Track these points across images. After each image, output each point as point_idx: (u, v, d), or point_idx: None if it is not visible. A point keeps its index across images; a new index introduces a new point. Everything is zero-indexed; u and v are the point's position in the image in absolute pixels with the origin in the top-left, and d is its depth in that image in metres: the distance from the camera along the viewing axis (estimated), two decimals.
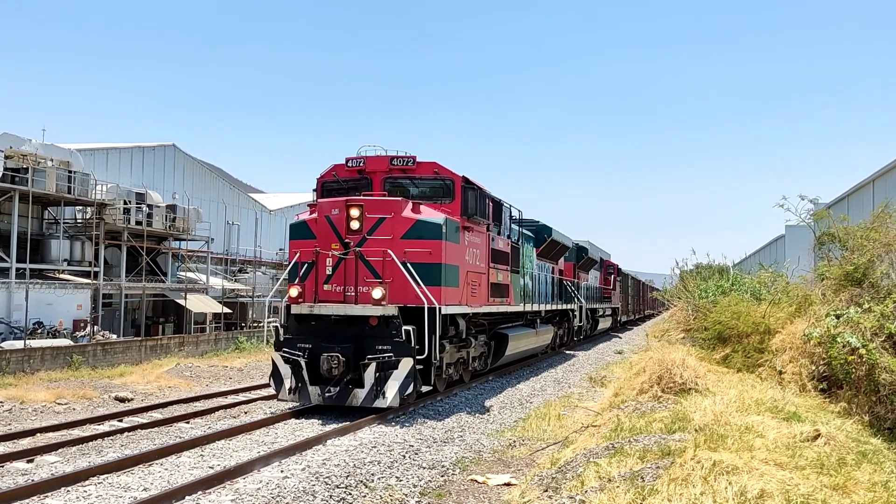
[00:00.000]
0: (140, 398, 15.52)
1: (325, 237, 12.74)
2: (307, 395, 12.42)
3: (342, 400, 12.15)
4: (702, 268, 27.32)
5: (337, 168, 14.45)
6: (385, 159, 14.07)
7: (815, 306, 13.18)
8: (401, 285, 12.28)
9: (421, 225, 12.61)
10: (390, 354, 12.00)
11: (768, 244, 47.14)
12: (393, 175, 14.03)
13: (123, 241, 33.94)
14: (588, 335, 32.65)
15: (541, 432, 11.29)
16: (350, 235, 12.61)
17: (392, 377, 11.98)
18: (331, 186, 14.38)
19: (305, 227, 13.20)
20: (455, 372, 14.65)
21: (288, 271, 13.48)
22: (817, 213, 17.13)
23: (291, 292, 12.77)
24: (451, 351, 13.79)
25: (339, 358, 11.99)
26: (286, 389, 12.53)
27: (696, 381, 10.55)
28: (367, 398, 12.03)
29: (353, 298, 12.41)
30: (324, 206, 13.00)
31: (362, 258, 12.43)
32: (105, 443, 10.55)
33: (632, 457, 6.59)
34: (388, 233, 12.53)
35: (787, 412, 8.54)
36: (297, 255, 13.06)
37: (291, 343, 12.58)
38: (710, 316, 15.93)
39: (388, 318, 12.17)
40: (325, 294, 12.63)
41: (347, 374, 12.14)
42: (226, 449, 9.90)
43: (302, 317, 12.69)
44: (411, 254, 12.42)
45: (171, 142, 44.21)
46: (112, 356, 26.03)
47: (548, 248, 22.93)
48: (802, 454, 6.32)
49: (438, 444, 10.39)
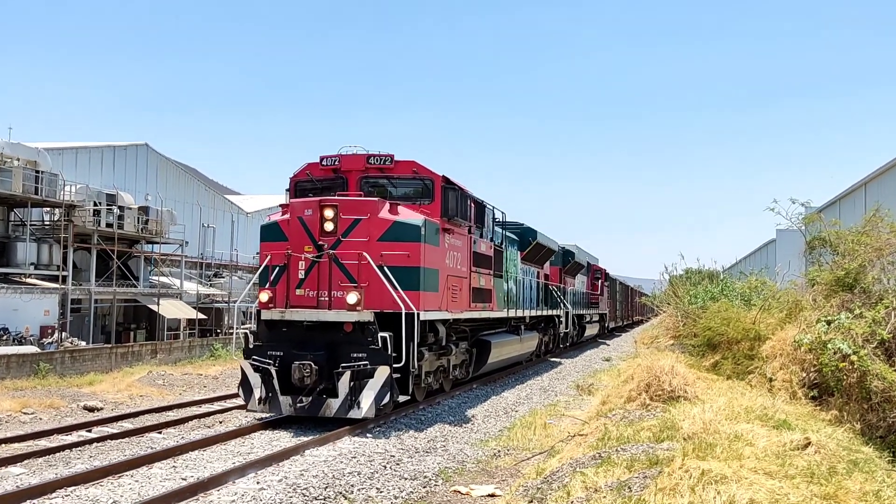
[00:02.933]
0: (110, 407, 15.37)
1: (298, 239, 12.58)
2: (278, 406, 12.23)
3: (315, 410, 12.00)
4: (691, 273, 27.54)
5: (311, 167, 14.30)
6: (361, 158, 13.93)
7: (806, 312, 13.31)
8: (377, 290, 12.16)
9: (398, 226, 12.50)
10: (366, 362, 11.85)
11: (759, 248, 47.57)
12: (370, 174, 13.91)
13: (93, 244, 33.67)
14: (575, 342, 32.79)
15: (526, 442, 11.30)
16: (324, 237, 12.45)
17: (367, 386, 11.85)
18: (304, 186, 14.23)
19: (277, 229, 13.05)
20: (435, 381, 14.54)
21: (258, 275, 13.33)
22: (808, 217, 17.32)
23: (261, 297, 12.59)
24: (430, 359, 13.67)
25: (312, 366, 11.82)
26: (256, 399, 12.35)
27: (685, 388, 10.60)
28: (340, 408, 11.89)
29: (327, 303, 12.25)
30: (296, 207, 12.85)
31: (337, 261, 12.29)
32: (73, 454, 10.43)
33: (619, 466, 6.61)
34: (364, 235, 12.39)
35: (777, 420, 8.60)
36: (267, 257, 12.90)
37: (261, 350, 12.40)
38: (700, 322, 16.05)
39: (364, 325, 12.04)
40: (297, 299, 12.47)
41: (320, 383, 11.95)
42: (199, 460, 9.81)
43: (273, 323, 12.52)
44: (388, 257, 12.29)
45: (143, 141, 44.02)
46: (81, 364, 25.78)
47: (533, 251, 22.96)
48: (792, 463, 6.37)
49: (420, 455, 10.37)
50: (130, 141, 43.33)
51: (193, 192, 47.24)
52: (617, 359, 26.38)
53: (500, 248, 18.23)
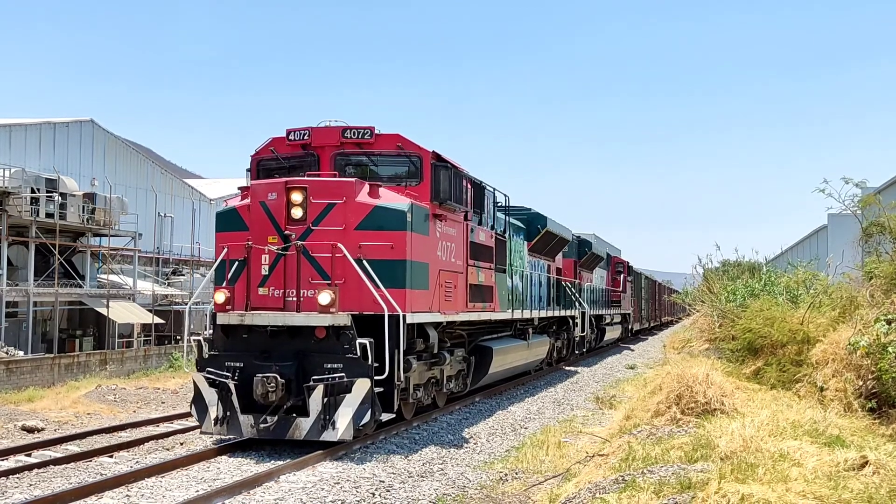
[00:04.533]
0: (53, 427, 15.37)
1: (261, 228, 12.29)
2: (238, 427, 11.97)
3: (281, 432, 11.78)
4: (729, 266, 27.60)
5: (276, 142, 13.97)
6: (336, 131, 13.61)
7: (863, 310, 13.31)
8: (355, 288, 11.94)
9: (380, 212, 12.26)
10: (342, 374, 11.59)
11: (808, 236, 48.01)
12: (346, 151, 13.63)
13: (31, 238, 33.59)
14: (593, 347, 32.85)
15: (538, 463, 11.33)
16: (291, 226, 12.14)
17: (344, 403, 11.62)
18: (269, 165, 13.92)
19: (235, 216, 12.79)
20: (426, 395, 14.29)
21: (214, 271, 13.12)
22: (864, 200, 17.31)
23: (217, 298, 12.29)
24: (419, 369, 13.43)
25: (278, 379, 11.53)
26: (211, 419, 12.13)
27: (721, 400, 10.62)
28: (312, 430, 11.63)
29: (295, 305, 11.99)
30: (258, 190, 12.56)
31: (306, 254, 12.01)
32: (10, 482, 10.43)
33: (645, 491, 6.62)
34: (339, 222, 12.13)
35: (828, 436, 8.62)
36: (224, 250, 12.64)
37: (218, 361, 12.16)
38: (739, 323, 16.06)
39: (339, 329, 11.80)
40: (259, 299, 12.19)
41: (288, 399, 11.70)
42: (157, 488, 9.82)
43: (231, 328, 12.28)
44: (368, 248, 12.06)
45: (88, 117, 43.83)
46: (18, 377, 25.78)
47: (542, 241, 22.76)
48: (847, 486, 6.39)
49: (414, 479, 10.39)
50: (73, 117, 43.22)
51: (148, 175, 47.15)
52: (643, 366, 26.45)
53: (502, 237, 18.02)
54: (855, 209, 17.42)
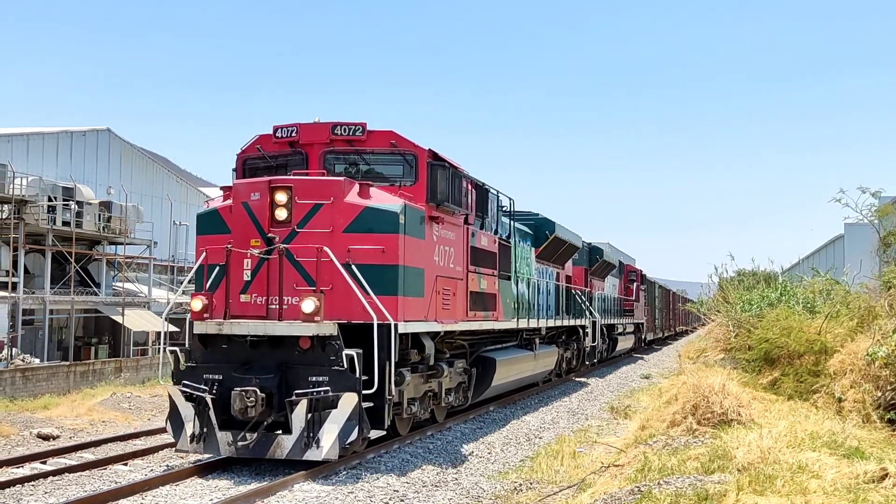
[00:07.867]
0: (68, 435, 15.43)
1: (243, 231, 11.61)
2: (215, 445, 11.20)
3: (261, 451, 11.01)
4: (745, 275, 27.46)
5: (262, 140, 13.26)
6: (325, 127, 12.96)
7: (881, 320, 13.24)
8: (342, 294, 11.26)
9: (370, 214, 11.58)
10: (327, 388, 10.89)
11: (824, 245, 48.13)
12: (336, 149, 12.99)
13: (48, 246, 33.81)
14: (605, 358, 32.58)
15: (552, 473, 11.28)
16: (275, 228, 11.45)
17: (329, 419, 10.83)
18: (255, 164, 13.31)
19: (217, 218, 12.09)
20: (422, 409, 13.47)
21: (193, 275, 12.57)
22: (882, 209, 17.22)
23: (194, 305, 11.49)
24: (414, 382, 12.67)
25: (258, 394, 10.79)
26: (187, 436, 11.34)
27: (738, 410, 10.58)
28: (294, 448, 10.89)
29: (278, 313, 11.24)
30: (240, 190, 11.87)
31: (291, 258, 11.33)
32: (25, 489, 10.45)
33: (662, 502, 6.60)
34: (327, 224, 11.46)
35: (847, 447, 8.58)
36: (203, 254, 12.05)
37: (195, 374, 11.41)
38: (755, 333, 15.97)
39: (325, 340, 11.09)
40: (240, 307, 11.49)
41: (269, 415, 10.98)
42: (171, 496, 9.82)
43: (209, 338, 11.52)
44: (357, 252, 11.41)
45: (104, 126, 44.13)
46: (34, 384, 25.89)
47: (551, 247, 22.08)
48: (867, 497, 6.34)
49: (429, 489, 10.36)
50: (90, 126, 43.50)
51: (163, 184, 47.39)
52: (658, 376, 26.32)
53: (507, 242, 17.30)
54: (872, 218, 17.34)
